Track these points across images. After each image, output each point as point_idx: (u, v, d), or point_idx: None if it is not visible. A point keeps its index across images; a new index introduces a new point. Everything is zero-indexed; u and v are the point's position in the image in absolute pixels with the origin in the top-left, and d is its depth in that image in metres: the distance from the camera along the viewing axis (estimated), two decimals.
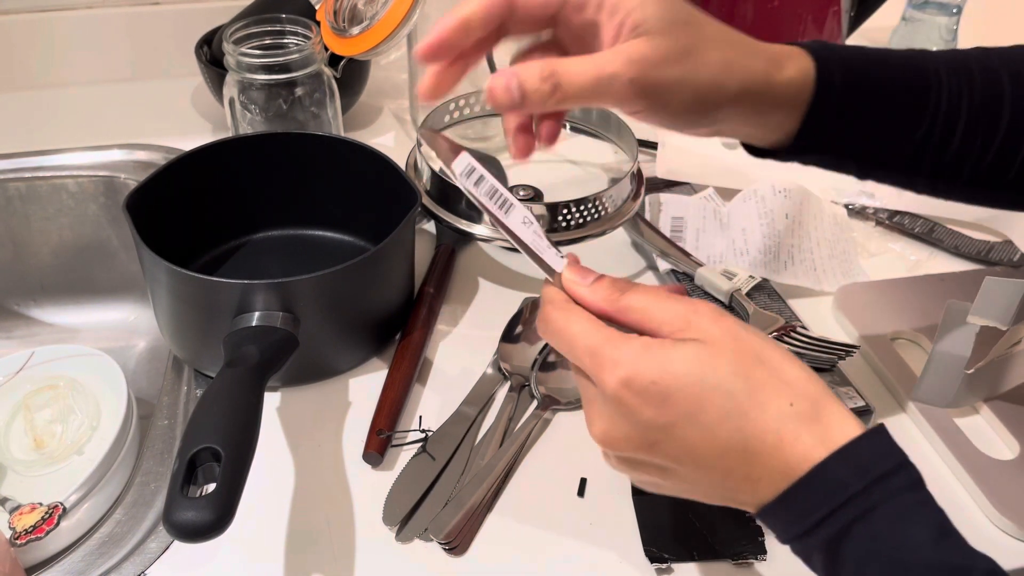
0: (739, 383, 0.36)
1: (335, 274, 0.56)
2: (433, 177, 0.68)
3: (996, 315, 0.53)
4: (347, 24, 0.77)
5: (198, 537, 0.40)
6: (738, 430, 0.36)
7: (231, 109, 0.75)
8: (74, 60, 0.92)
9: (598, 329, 0.39)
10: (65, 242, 0.80)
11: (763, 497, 0.37)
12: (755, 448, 0.36)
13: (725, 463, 0.37)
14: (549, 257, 0.42)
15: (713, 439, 0.36)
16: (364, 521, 0.52)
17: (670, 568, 0.50)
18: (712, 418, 0.36)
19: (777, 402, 0.36)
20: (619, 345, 0.37)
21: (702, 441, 0.37)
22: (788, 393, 0.36)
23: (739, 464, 0.37)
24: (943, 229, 0.77)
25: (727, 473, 0.37)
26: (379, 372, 0.62)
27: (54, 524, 0.54)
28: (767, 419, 0.36)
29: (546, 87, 0.40)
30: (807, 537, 0.36)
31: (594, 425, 0.39)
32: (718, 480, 0.38)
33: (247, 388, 0.48)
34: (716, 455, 0.37)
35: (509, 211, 0.43)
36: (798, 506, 0.36)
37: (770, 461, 0.36)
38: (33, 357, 0.67)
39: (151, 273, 0.58)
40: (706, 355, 0.36)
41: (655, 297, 0.39)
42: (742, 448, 0.36)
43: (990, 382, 0.60)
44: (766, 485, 0.36)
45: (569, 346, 0.39)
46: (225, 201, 0.69)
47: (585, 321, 0.39)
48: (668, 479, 0.40)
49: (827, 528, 0.35)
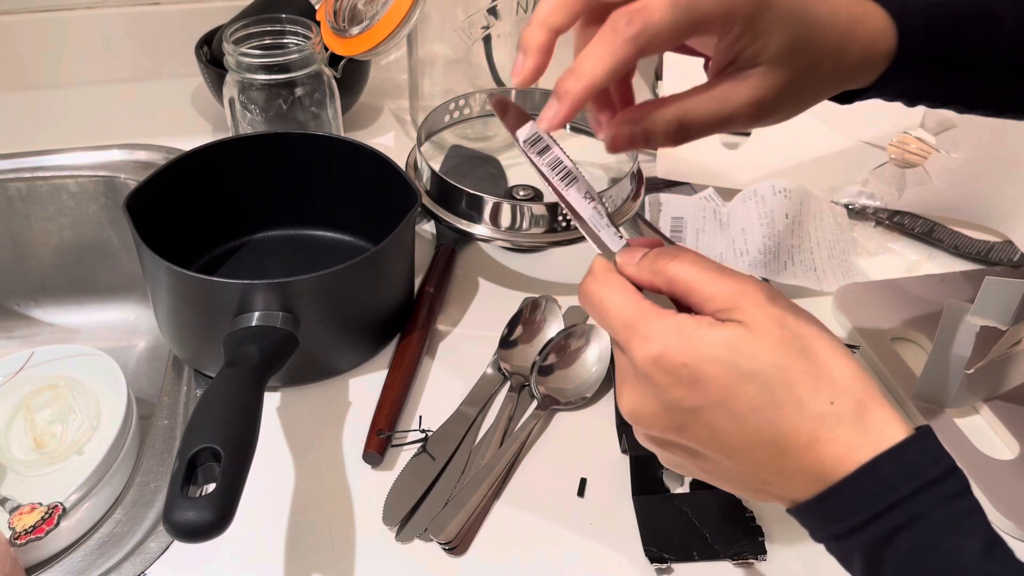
0: (776, 375, 0.35)
1: (335, 274, 0.56)
2: (433, 177, 0.68)
3: (996, 315, 0.53)
4: (347, 24, 0.77)
5: (198, 537, 0.40)
6: (770, 424, 0.35)
7: (231, 109, 0.75)
8: (74, 60, 0.92)
9: (635, 303, 0.38)
10: (65, 242, 0.80)
11: (796, 494, 0.36)
12: (787, 445, 0.35)
13: (754, 455, 0.36)
14: (607, 236, 0.41)
15: (742, 430, 0.35)
16: (364, 521, 0.52)
17: (670, 568, 0.50)
18: (743, 408, 0.35)
19: (816, 399, 0.35)
20: (653, 321, 0.37)
21: (731, 430, 0.36)
22: (830, 390, 0.35)
23: (769, 458, 0.35)
24: (943, 229, 0.77)
25: (757, 465, 0.36)
26: (379, 372, 0.62)
27: (54, 524, 0.54)
28: (803, 416, 0.35)
29: (672, 135, 0.40)
30: (847, 539, 0.35)
31: (623, 399, 0.38)
32: (747, 471, 0.37)
33: (247, 388, 0.48)
34: (745, 446, 0.36)
35: (570, 184, 0.42)
36: (840, 506, 0.34)
37: (801, 460, 0.35)
38: (33, 357, 0.67)
39: (151, 273, 0.58)
40: (744, 341, 0.35)
41: (704, 270, 0.38)
42: (773, 443, 0.35)
43: (990, 382, 0.60)
44: (799, 483, 0.35)
45: (604, 318, 0.39)
46: (225, 201, 0.69)
47: (621, 293, 0.38)
48: (696, 464, 0.39)
49: (871, 531, 0.34)
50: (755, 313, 0.36)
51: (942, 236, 0.76)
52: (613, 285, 0.39)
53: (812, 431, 0.35)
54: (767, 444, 0.35)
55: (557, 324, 0.65)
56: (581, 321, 0.66)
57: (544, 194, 0.76)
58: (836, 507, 0.35)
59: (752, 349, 0.35)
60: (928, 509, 0.33)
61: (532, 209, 0.65)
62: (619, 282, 0.39)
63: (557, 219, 0.65)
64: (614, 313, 0.38)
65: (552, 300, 0.66)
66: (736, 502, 0.53)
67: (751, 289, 0.37)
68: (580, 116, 0.78)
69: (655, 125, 0.39)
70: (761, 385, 0.35)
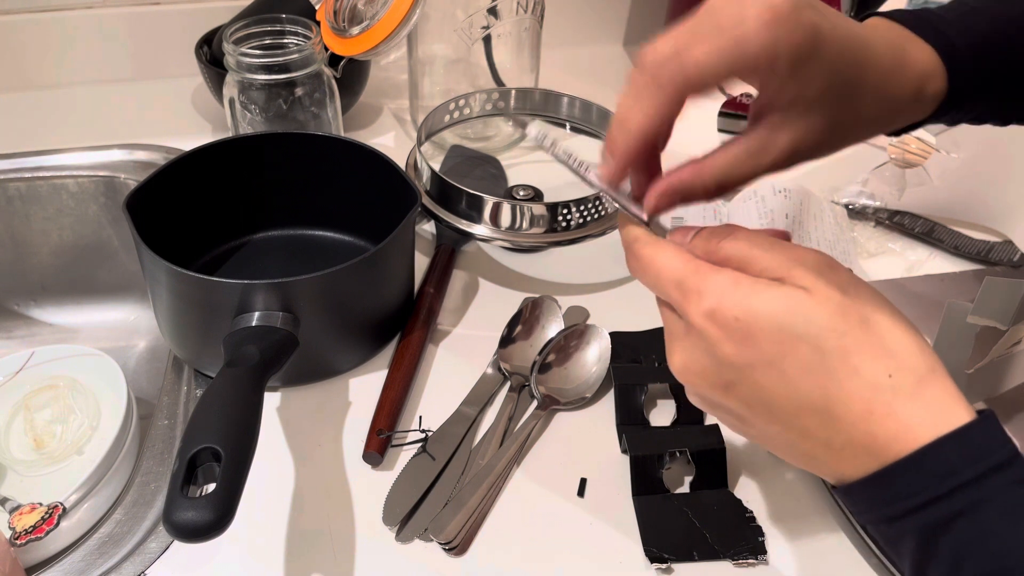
0: (833, 340, 0.34)
1: (335, 274, 0.56)
2: (433, 177, 0.68)
3: (996, 315, 0.52)
4: (347, 24, 0.77)
5: (198, 537, 0.40)
6: (821, 389, 0.34)
7: (231, 109, 0.75)
8: (74, 60, 0.92)
9: (686, 261, 0.37)
10: (65, 242, 0.80)
11: (845, 470, 0.34)
12: (837, 413, 0.34)
13: (802, 422, 0.35)
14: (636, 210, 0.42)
15: (792, 392, 0.34)
16: (364, 521, 0.52)
17: (670, 568, 0.50)
18: (794, 370, 0.34)
19: (873, 369, 0.33)
20: (707, 276, 0.36)
21: (779, 392, 0.34)
22: (889, 362, 0.33)
23: (818, 427, 0.34)
24: (943, 229, 0.77)
25: (804, 434, 0.35)
26: (379, 372, 0.62)
27: (54, 524, 0.54)
28: (857, 385, 0.33)
29: (711, 197, 0.40)
30: (900, 521, 0.33)
31: (674, 356, 0.38)
32: (794, 439, 0.35)
33: (247, 388, 0.48)
34: (792, 411, 0.35)
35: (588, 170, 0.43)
36: (898, 487, 0.33)
37: (853, 431, 0.33)
38: (33, 357, 0.67)
39: (151, 273, 0.58)
40: (801, 303, 0.34)
41: (757, 244, 0.37)
42: (823, 409, 0.34)
43: (990, 382, 0.59)
44: (849, 457, 0.34)
45: (656, 278, 0.38)
46: (225, 201, 0.69)
47: (673, 253, 0.38)
48: (744, 428, 0.38)
49: (928, 515, 0.32)
50: (814, 280, 0.35)
51: (942, 236, 0.76)
52: (664, 246, 0.39)
53: (866, 402, 0.33)
54: (816, 411, 0.34)
55: (557, 324, 0.65)
56: (581, 321, 0.66)
57: (544, 194, 0.76)
58: (893, 488, 0.33)
59: (808, 311, 0.34)
60: (992, 495, 0.32)
61: (532, 209, 0.65)
62: (669, 244, 0.39)
63: (557, 219, 0.65)
64: (667, 272, 0.38)
65: (552, 300, 0.66)
66: (736, 502, 0.53)
67: (809, 258, 0.36)
68: (580, 117, 0.78)
69: (695, 194, 0.40)
70: (815, 348, 0.34)
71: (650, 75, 0.37)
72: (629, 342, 0.63)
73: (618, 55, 1.06)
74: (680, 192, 0.40)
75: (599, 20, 1.06)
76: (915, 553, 0.33)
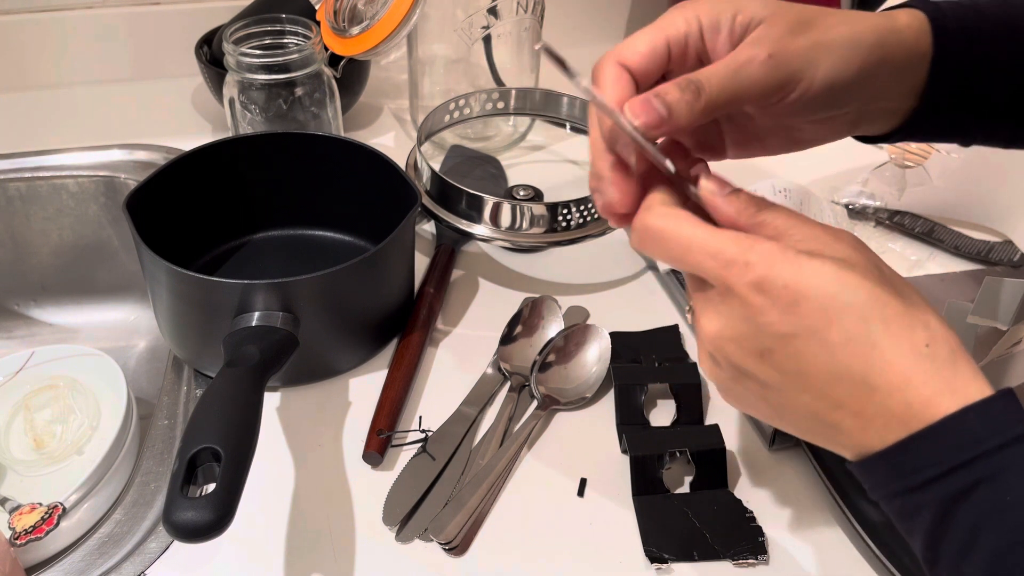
0: (876, 310, 0.34)
1: (335, 274, 0.56)
2: (433, 177, 0.68)
3: (996, 315, 0.52)
4: (347, 24, 0.77)
5: (198, 537, 0.40)
6: (862, 357, 0.34)
7: (231, 109, 0.75)
8: (74, 60, 0.92)
9: (718, 232, 0.36)
10: (65, 242, 0.80)
11: (870, 441, 0.34)
12: (875, 382, 0.33)
13: (837, 392, 0.34)
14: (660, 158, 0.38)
15: (831, 361, 0.34)
16: (364, 521, 0.52)
17: (670, 568, 0.50)
18: (837, 338, 0.34)
19: (912, 339, 0.34)
20: (751, 246, 0.35)
21: (820, 361, 0.34)
22: (926, 333, 0.34)
23: (852, 397, 0.34)
24: (943, 229, 0.77)
25: (834, 404, 0.35)
26: (379, 372, 0.62)
27: (54, 524, 0.54)
28: (898, 354, 0.33)
29: (688, 95, 0.37)
30: (920, 491, 0.33)
31: (709, 323, 0.37)
32: (823, 410, 0.35)
33: (247, 388, 0.48)
34: (828, 380, 0.34)
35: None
36: (922, 455, 0.33)
37: (888, 400, 0.33)
38: (33, 357, 0.67)
39: (151, 273, 0.58)
40: (847, 274, 0.34)
41: (795, 219, 0.37)
42: (861, 379, 0.34)
43: (990, 382, 0.59)
44: (878, 427, 0.34)
45: (683, 250, 0.37)
46: (225, 201, 0.69)
47: (697, 224, 0.37)
48: (767, 398, 0.37)
49: (950, 484, 0.32)
50: (852, 255, 0.35)
51: (942, 236, 0.76)
52: (682, 218, 0.37)
53: (906, 370, 0.33)
54: (854, 380, 0.34)
55: (557, 324, 0.65)
56: (581, 321, 0.66)
57: (544, 194, 0.76)
58: (917, 455, 0.33)
59: (854, 282, 0.34)
60: (1012, 464, 0.32)
61: (532, 209, 0.65)
62: (687, 214, 0.37)
63: (557, 219, 0.65)
64: (697, 243, 0.36)
65: (552, 300, 0.66)
66: (736, 502, 0.53)
67: (845, 236, 0.36)
68: (580, 117, 0.78)
69: (665, 86, 0.38)
70: (859, 318, 0.34)
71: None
72: (629, 342, 0.63)
73: None
74: (659, 94, 0.37)
75: (599, 20, 1.06)
76: (930, 526, 0.33)
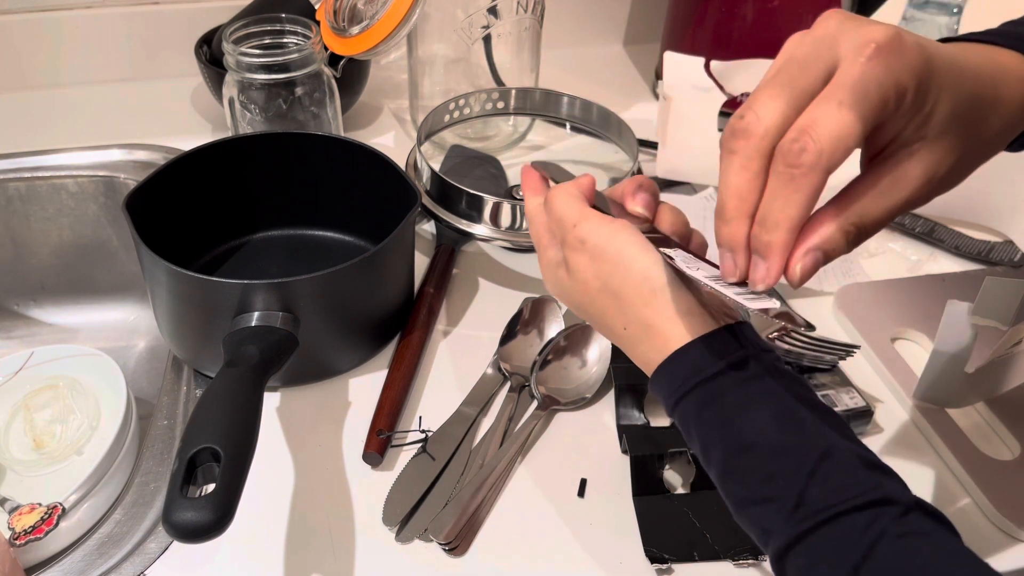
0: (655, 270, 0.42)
1: (335, 274, 0.56)
2: (433, 177, 0.68)
3: (996, 315, 0.52)
4: (347, 24, 0.77)
5: (198, 537, 0.40)
6: (642, 297, 0.42)
7: (231, 109, 0.75)
8: (74, 60, 0.92)
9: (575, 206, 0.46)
10: (65, 242, 0.80)
11: (650, 361, 0.42)
12: (647, 317, 0.42)
13: (625, 308, 0.43)
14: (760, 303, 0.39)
15: (622, 285, 0.43)
16: (364, 521, 0.52)
17: (670, 568, 0.50)
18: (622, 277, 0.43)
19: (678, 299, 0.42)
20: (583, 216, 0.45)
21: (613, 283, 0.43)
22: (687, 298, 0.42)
23: (634, 319, 0.43)
24: (944, 229, 0.77)
25: (625, 321, 0.43)
26: (379, 372, 0.62)
27: (53, 524, 0.54)
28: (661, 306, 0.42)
29: (851, 240, 0.38)
30: (674, 413, 0.41)
31: (553, 254, 0.47)
32: (617, 317, 0.43)
33: (247, 388, 0.48)
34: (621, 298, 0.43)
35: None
36: (662, 385, 0.41)
37: (650, 330, 0.42)
38: (33, 357, 0.67)
39: (151, 273, 0.58)
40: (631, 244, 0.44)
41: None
42: (617, 293, 0.43)
43: (990, 382, 0.59)
44: (649, 350, 0.42)
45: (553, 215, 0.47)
46: (225, 201, 0.69)
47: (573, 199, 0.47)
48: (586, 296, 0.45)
49: (683, 408, 0.40)
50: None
51: (943, 236, 0.76)
52: (566, 194, 0.47)
53: (658, 314, 0.42)
54: (632, 306, 0.42)
55: (557, 324, 0.65)
56: (581, 321, 0.66)
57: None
58: (660, 385, 0.41)
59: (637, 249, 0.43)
60: (726, 389, 0.39)
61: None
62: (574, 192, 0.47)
63: None
64: (557, 210, 0.46)
65: (552, 300, 0.66)
66: None
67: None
68: (580, 116, 0.78)
69: (835, 245, 0.37)
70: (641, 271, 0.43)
71: (786, 164, 0.35)
72: None
73: (618, 55, 1.06)
74: (821, 246, 0.37)
75: (599, 20, 1.06)
76: (687, 438, 0.41)
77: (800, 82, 0.36)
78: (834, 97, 0.35)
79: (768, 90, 0.36)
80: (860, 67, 0.34)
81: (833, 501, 0.35)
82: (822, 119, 0.34)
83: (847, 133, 0.34)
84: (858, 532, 0.34)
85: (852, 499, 0.35)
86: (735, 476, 0.38)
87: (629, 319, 0.43)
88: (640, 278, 0.42)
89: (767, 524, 0.37)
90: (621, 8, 1.06)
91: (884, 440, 0.59)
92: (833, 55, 0.35)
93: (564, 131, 0.81)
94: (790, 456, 0.37)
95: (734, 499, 0.39)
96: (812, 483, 0.36)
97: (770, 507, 0.37)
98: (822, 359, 0.60)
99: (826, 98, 0.35)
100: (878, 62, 0.34)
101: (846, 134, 0.34)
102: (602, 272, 0.43)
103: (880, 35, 0.35)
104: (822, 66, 0.35)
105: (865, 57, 0.34)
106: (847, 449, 0.37)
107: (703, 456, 0.40)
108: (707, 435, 0.39)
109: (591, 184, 0.48)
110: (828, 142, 0.34)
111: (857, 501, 0.35)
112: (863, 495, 0.35)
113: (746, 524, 0.39)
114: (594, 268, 0.44)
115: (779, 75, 0.36)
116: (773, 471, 0.37)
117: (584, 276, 0.44)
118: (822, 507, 0.35)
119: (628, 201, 0.47)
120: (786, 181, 0.35)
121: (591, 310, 0.45)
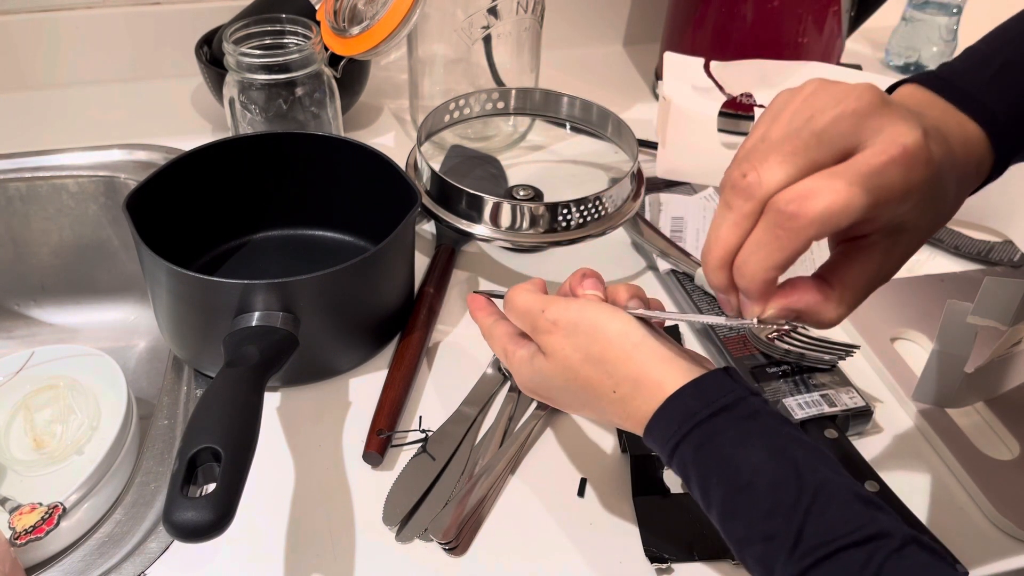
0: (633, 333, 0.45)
1: (335, 274, 0.56)
2: (433, 177, 0.68)
3: (996, 315, 0.53)
4: (347, 24, 0.77)
5: (198, 537, 0.40)
6: (625, 358, 0.44)
7: (231, 109, 0.75)
8: (74, 60, 0.92)
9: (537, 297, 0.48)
10: (65, 242, 0.80)
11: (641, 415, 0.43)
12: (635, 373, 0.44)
13: (612, 372, 0.44)
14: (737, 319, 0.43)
15: (605, 352, 0.44)
16: (364, 521, 0.52)
17: (670, 568, 0.50)
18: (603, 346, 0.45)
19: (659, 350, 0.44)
20: (548, 302, 0.47)
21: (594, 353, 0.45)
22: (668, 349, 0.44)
23: (622, 380, 0.44)
24: (943, 229, 0.77)
25: (613, 385, 0.44)
26: (379, 372, 0.62)
27: (54, 524, 0.54)
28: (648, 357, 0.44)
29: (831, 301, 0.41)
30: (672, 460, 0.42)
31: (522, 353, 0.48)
32: (606, 386, 0.44)
33: (247, 388, 0.48)
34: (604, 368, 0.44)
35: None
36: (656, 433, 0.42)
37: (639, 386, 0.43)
38: (33, 357, 0.67)
39: (151, 273, 0.58)
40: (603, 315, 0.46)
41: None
42: (624, 370, 0.44)
43: (990, 382, 0.60)
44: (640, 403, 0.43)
45: (519, 306, 0.49)
46: (225, 201, 0.69)
47: (530, 293, 0.49)
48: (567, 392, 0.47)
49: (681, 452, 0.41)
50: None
51: (942, 236, 0.76)
52: (524, 291, 0.49)
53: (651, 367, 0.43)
54: (619, 369, 0.44)
55: None
56: None
57: (544, 194, 0.76)
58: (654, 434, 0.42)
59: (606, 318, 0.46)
60: (722, 429, 0.40)
61: (532, 209, 0.65)
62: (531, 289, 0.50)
63: (557, 219, 0.65)
64: (522, 302, 0.48)
65: None
66: None
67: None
68: (580, 117, 0.78)
69: (826, 317, 0.41)
70: (619, 336, 0.45)
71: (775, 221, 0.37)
72: None
73: (618, 55, 1.06)
74: (805, 316, 0.41)
75: (599, 20, 1.06)
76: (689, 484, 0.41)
77: (813, 154, 0.37)
78: (846, 175, 0.35)
79: (778, 155, 0.37)
80: (881, 162, 0.35)
81: (830, 536, 0.35)
82: (824, 191, 0.35)
83: (843, 211, 0.35)
84: (858, 568, 0.35)
85: (849, 534, 0.35)
86: (736, 514, 0.39)
87: (617, 379, 0.44)
88: (619, 337, 0.44)
89: (769, 562, 0.37)
90: (621, 8, 1.06)
91: (884, 440, 0.59)
92: (857, 139, 0.36)
93: (564, 131, 0.81)
94: (787, 491, 0.37)
95: (735, 539, 0.39)
96: (809, 519, 0.36)
97: (771, 545, 0.37)
98: (822, 359, 0.60)
99: (837, 174, 0.36)
100: (900, 165, 0.35)
101: (842, 212, 0.35)
102: (581, 344, 0.45)
103: (911, 140, 0.36)
104: (841, 145, 0.36)
105: (888, 157, 0.35)
106: (841, 484, 0.37)
107: (703, 499, 0.41)
108: (706, 474, 0.40)
109: (543, 282, 0.51)
110: (821, 215, 0.35)
111: (855, 536, 0.35)
112: (860, 530, 0.35)
113: (749, 565, 0.39)
114: (572, 342, 0.45)
115: (794, 140, 0.37)
116: (771, 506, 0.37)
117: (564, 353, 0.45)
118: (820, 543, 0.36)
119: (578, 289, 0.49)
120: (772, 235, 0.37)
121: (575, 385, 0.46)
